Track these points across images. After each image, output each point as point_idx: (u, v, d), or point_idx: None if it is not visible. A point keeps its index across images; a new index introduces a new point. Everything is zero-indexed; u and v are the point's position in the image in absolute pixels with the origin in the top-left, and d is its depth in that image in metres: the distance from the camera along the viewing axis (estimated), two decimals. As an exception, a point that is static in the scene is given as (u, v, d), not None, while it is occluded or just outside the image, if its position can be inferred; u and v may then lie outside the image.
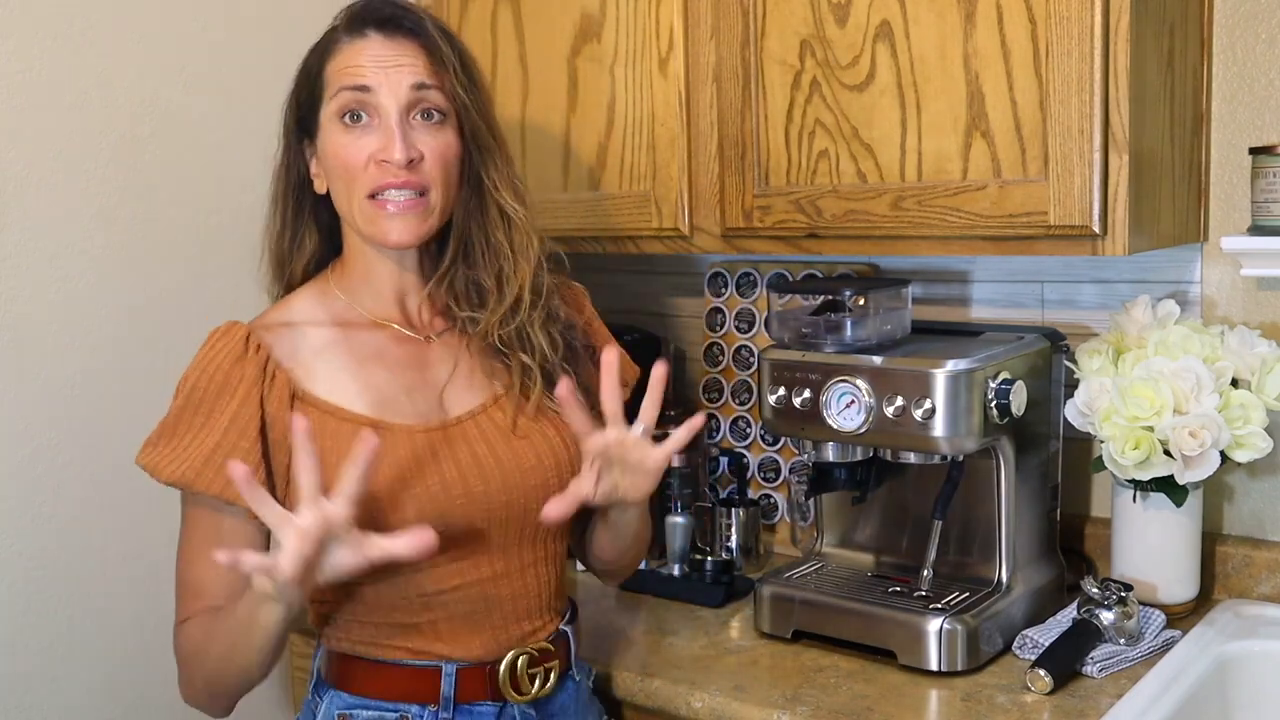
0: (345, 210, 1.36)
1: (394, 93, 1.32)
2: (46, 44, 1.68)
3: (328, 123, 1.35)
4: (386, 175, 1.31)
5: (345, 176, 1.34)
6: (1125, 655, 1.50)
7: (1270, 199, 1.49)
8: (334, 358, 1.35)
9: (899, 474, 1.67)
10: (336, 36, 1.36)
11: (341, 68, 1.34)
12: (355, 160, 1.32)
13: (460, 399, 1.38)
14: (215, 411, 1.30)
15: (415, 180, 1.32)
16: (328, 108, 1.34)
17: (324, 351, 1.35)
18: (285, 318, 1.38)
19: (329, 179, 1.37)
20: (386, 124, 1.31)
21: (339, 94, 1.33)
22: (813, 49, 1.62)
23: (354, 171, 1.33)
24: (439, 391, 1.38)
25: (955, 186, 1.52)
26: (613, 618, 1.77)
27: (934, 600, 1.56)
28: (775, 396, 1.58)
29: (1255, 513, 1.70)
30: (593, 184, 1.88)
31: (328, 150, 1.35)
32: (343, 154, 1.33)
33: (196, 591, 1.32)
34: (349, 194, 1.34)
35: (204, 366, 1.32)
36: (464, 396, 1.39)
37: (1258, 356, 1.56)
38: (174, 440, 1.30)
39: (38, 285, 1.68)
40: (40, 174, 1.68)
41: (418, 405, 1.36)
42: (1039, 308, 1.83)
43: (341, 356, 1.35)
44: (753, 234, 1.72)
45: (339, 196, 1.36)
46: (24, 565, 1.69)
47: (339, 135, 1.33)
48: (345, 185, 1.34)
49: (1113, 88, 1.41)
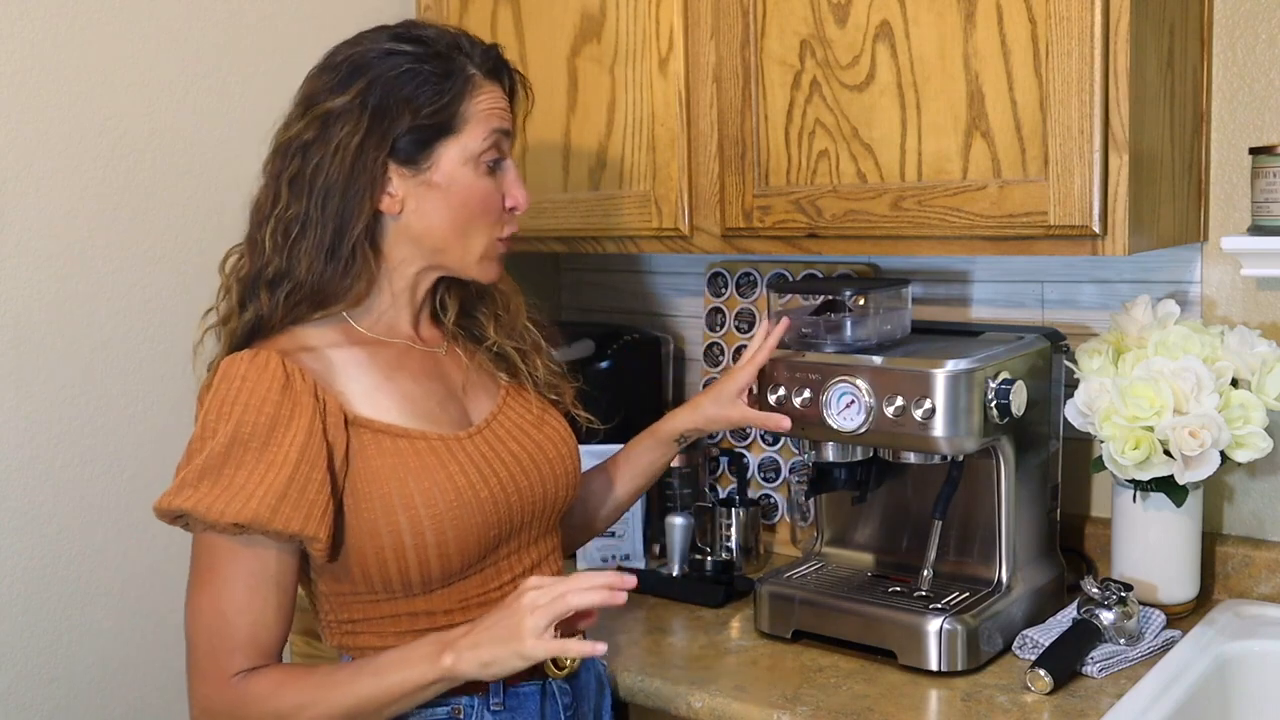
0: (454, 246, 1.37)
1: (513, 143, 1.40)
2: (47, 44, 1.67)
3: (461, 160, 1.34)
4: (512, 223, 1.40)
5: (483, 219, 1.37)
6: (1125, 655, 1.50)
7: (1270, 199, 1.49)
8: (363, 376, 1.35)
9: (899, 474, 1.67)
10: (472, 75, 1.35)
11: (490, 110, 1.35)
12: (495, 205, 1.37)
13: (479, 404, 1.43)
14: (271, 444, 1.24)
15: None
16: (468, 145, 1.34)
17: (353, 371, 1.34)
18: (301, 343, 1.33)
19: (441, 213, 1.35)
20: (514, 174, 1.39)
21: (490, 135, 1.35)
22: (813, 49, 1.62)
23: (493, 216, 1.37)
24: (461, 399, 1.42)
25: (955, 186, 1.52)
26: (613, 618, 1.77)
27: (934, 600, 1.56)
28: (775, 396, 1.58)
29: (1255, 513, 1.70)
30: (593, 184, 1.88)
31: (462, 188, 1.35)
32: (487, 199, 1.36)
33: (252, 638, 1.25)
34: (470, 231, 1.37)
35: (246, 401, 1.25)
36: (481, 401, 1.44)
37: (1258, 356, 1.56)
38: (223, 479, 1.23)
39: (38, 285, 1.68)
40: (40, 174, 1.68)
41: (451, 414, 1.39)
42: (1039, 308, 1.83)
43: (370, 375, 1.35)
44: (753, 234, 1.72)
45: (453, 233, 1.36)
46: (24, 565, 1.69)
47: (481, 178, 1.36)
48: (472, 224, 1.36)
49: (1113, 88, 1.41)
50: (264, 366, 1.28)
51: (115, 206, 1.76)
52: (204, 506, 1.22)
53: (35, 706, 1.71)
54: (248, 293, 1.34)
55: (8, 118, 1.64)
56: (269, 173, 1.36)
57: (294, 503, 1.23)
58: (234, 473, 1.23)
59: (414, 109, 1.31)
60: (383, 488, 1.29)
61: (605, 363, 2.06)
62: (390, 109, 1.31)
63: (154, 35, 1.79)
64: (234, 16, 1.88)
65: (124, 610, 1.80)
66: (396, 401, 1.35)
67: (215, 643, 1.25)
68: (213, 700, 1.25)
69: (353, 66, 1.33)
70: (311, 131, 1.32)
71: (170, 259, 1.82)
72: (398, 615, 1.33)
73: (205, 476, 1.23)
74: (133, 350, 1.79)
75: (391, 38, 1.35)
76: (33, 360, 1.69)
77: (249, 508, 1.22)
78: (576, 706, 1.41)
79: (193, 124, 1.84)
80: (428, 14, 2.02)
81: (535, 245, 1.96)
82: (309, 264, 1.31)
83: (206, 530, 1.25)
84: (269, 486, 1.23)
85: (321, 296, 1.33)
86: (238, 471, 1.24)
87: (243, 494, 1.22)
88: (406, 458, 1.31)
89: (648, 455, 1.63)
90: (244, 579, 1.25)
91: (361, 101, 1.31)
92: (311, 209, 1.31)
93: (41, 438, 1.70)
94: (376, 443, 1.31)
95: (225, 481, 1.23)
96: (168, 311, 1.82)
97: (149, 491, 1.79)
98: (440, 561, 1.31)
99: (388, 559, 1.30)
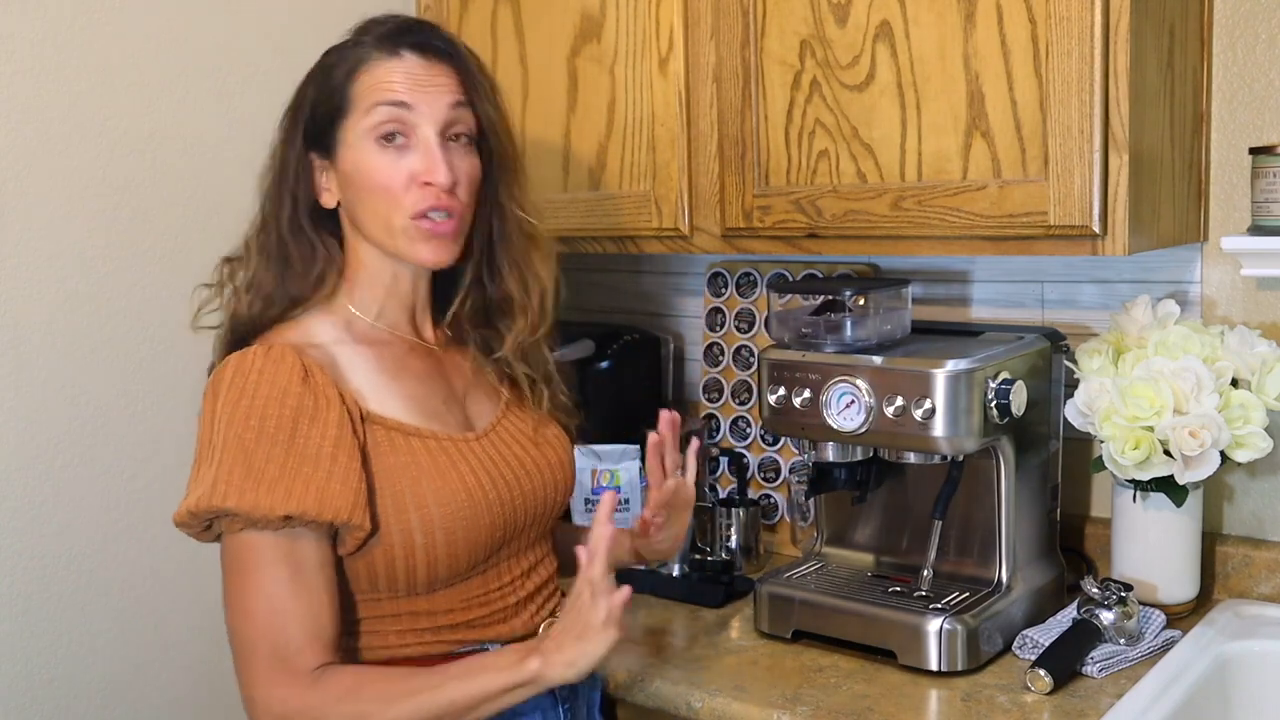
0: (376, 229, 1.35)
1: (433, 113, 1.32)
2: (47, 44, 1.67)
3: (357, 140, 1.33)
4: (429, 198, 1.32)
5: (384, 197, 1.32)
6: (1125, 655, 1.50)
7: (1270, 199, 1.49)
8: (370, 374, 1.35)
9: (899, 474, 1.67)
10: (366, 54, 1.33)
11: (375, 84, 1.32)
12: (395, 181, 1.32)
13: (480, 409, 1.43)
14: (298, 437, 1.24)
15: (453, 203, 1.34)
16: (359, 123, 1.32)
17: (360, 367, 1.35)
18: (308, 338, 1.34)
19: (354, 196, 1.35)
20: (427, 145, 1.32)
21: (374, 109, 1.32)
22: (813, 49, 1.62)
23: (394, 192, 1.32)
24: (461, 402, 1.42)
25: (955, 186, 1.52)
26: (613, 618, 1.77)
27: (934, 600, 1.56)
28: (775, 396, 1.58)
29: (1255, 513, 1.70)
30: (593, 184, 1.88)
31: (360, 168, 1.33)
32: (381, 174, 1.32)
33: (315, 633, 1.23)
34: (386, 214, 1.33)
35: (268, 394, 1.24)
36: (482, 406, 1.44)
37: (1258, 356, 1.56)
38: (256, 474, 1.22)
39: (37, 285, 1.68)
40: (40, 174, 1.68)
41: (455, 415, 1.40)
42: (1039, 308, 1.83)
43: (376, 373, 1.35)
44: (753, 234, 1.72)
45: (368, 215, 1.34)
46: (24, 565, 1.69)
47: (374, 155, 1.32)
48: (382, 205, 1.33)
49: (1113, 88, 1.41)
50: (280, 360, 1.27)
51: (115, 206, 1.76)
52: (249, 503, 1.20)
53: (35, 706, 1.71)
54: (233, 297, 1.38)
55: (8, 118, 1.64)
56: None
57: (338, 492, 1.23)
58: (265, 466, 1.22)
59: (313, 100, 1.35)
60: (395, 485, 1.29)
61: (605, 363, 2.06)
62: (301, 104, 1.37)
63: (154, 35, 1.79)
64: (234, 16, 1.88)
65: (124, 610, 1.80)
66: (403, 400, 1.35)
67: (279, 642, 1.22)
68: (289, 703, 1.22)
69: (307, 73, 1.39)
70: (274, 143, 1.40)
71: (170, 259, 1.82)
72: (398, 614, 1.33)
73: (235, 471, 1.22)
74: (133, 350, 1.79)
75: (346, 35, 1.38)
76: (33, 360, 1.68)
77: (294, 500, 1.21)
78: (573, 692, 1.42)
79: (193, 124, 1.84)
80: (428, 14, 2.02)
81: (535, 245, 1.96)
82: (264, 262, 1.36)
83: (247, 529, 1.23)
84: (309, 478, 1.23)
85: (287, 292, 1.36)
86: (268, 465, 1.22)
87: (281, 487, 1.21)
88: (419, 456, 1.31)
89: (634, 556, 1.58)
90: (291, 573, 1.23)
91: (293, 102, 1.38)
92: (265, 209, 1.38)
93: (41, 438, 1.70)
94: (389, 440, 1.31)
95: (262, 476, 1.22)
96: (168, 311, 1.81)
97: (149, 491, 1.80)
98: (448, 561, 1.31)
99: (396, 557, 1.29)
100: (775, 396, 1.59)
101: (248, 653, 1.23)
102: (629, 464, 1.95)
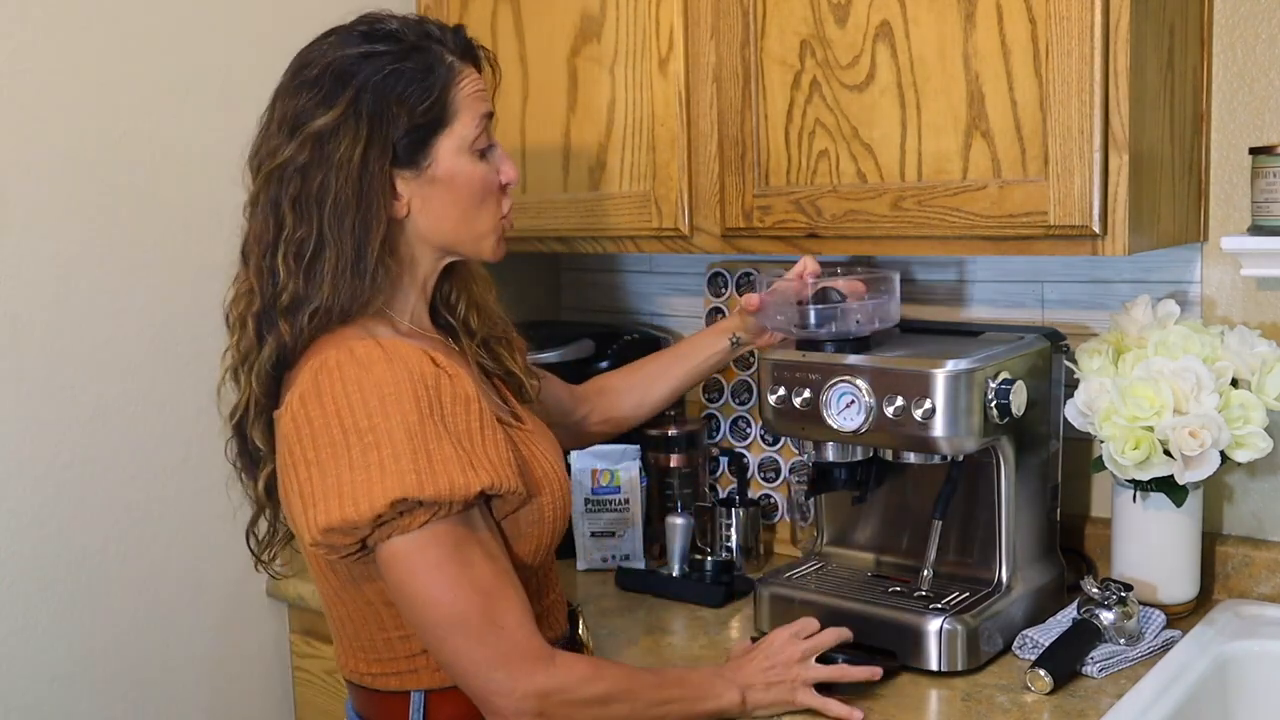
0: (460, 233, 1.36)
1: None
2: (46, 44, 1.68)
3: (459, 151, 1.33)
4: (508, 200, 1.40)
5: (486, 204, 1.36)
6: (1125, 655, 1.50)
7: (1270, 199, 1.49)
8: None
9: (899, 474, 1.67)
10: (451, 62, 1.32)
11: (472, 93, 1.34)
12: (494, 187, 1.37)
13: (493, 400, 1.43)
14: (451, 416, 1.22)
15: None
16: (459, 134, 1.32)
17: None
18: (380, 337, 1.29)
19: (442, 205, 1.33)
20: (503, 152, 1.39)
21: (477, 121, 1.34)
22: (813, 49, 1.62)
23: (493, 198, 1.37)
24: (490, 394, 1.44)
25: (955, 186, 1.52)
26: (613, 618, 1.77)
27: (934, 600, 1.56)
28: (775, 396, 1.58)
29: (1255, 513, 1.70)
30: (593, 184, 1.88)
31: (460, 178, 1.33)
32: (483, 183, 1.35)
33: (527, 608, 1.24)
34: (482, 219, 1.37)
35: (406, 378, 1.21)
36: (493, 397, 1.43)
37: (1258, 356, 1.56)
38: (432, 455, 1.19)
39: (37, 285, 1.68)
40: (40, 174, 1.68)
41: (504, 407, 1.42)
42: (1039, 308, 1.83)
43: None
44: (753, 234, 1.72)
45: (453, 221, 1.35)
46: (24, 565, 1.69)
47: (474, 164, 1.34)
48: (475, 210, 1.36)
49: (1113, 88, 1.41)
50: (395, 349, 1.24)
51: (115, 206, 1.76)
52: (444, 486, 1.18)
53: (35, 706, 1.71)
54: (263, 325, 1.29)
55: (8, 118, 1.64)
56: (264, 201, 1.30)
57: (508, 461, 1.25)
58: (437, 447, 1.19)
59: (409, 109, 1.29)
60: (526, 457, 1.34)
61: (605, 363, 2.06)
62: (385, 114, 1.28)
63: (154, 36, 1.79)
64: (234, 17, 1.88)
65: (124, 610, 1.80)
66: None
67: (505, 624, 1.21)
68: (542, 683, 1.21)
69: (334, 77, 1.28)
70: (306, 153, 1.27)
71: (170, 259, 1.82)
72: None
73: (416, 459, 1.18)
74: (133, 350, 1.79)
75: (362, 38, 1.30)
76: (33, 360, 1.69)
77: (486, 476, 1.21)
78: None
79: (193, 124, 1.84)
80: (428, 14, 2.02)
81: (535, 245, 1.96)
82: (333, 283, 1.27)
83: (431, 522, 1.19)
84: (489, 454, 1.23)
85: (348, 312, 1.29)
86: (443, 444, 1.20)
87: (470, 465, 1.20)
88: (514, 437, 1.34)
89: (705, 346, 1.73)
90: (484, 554, 1.22)
91: (355, 112, 1.27)
92: (325, 229, 1.27)
93: (41, 438, 1.70)
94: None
95: (440, 456, 1.19)
96: (167, 312, 1.82)
97: (149, 491, 1.80)
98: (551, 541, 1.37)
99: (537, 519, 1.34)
100: (775, 396, 1.58)
101: (479, 650, 1.20)
102: (629, 464, 1.95)
